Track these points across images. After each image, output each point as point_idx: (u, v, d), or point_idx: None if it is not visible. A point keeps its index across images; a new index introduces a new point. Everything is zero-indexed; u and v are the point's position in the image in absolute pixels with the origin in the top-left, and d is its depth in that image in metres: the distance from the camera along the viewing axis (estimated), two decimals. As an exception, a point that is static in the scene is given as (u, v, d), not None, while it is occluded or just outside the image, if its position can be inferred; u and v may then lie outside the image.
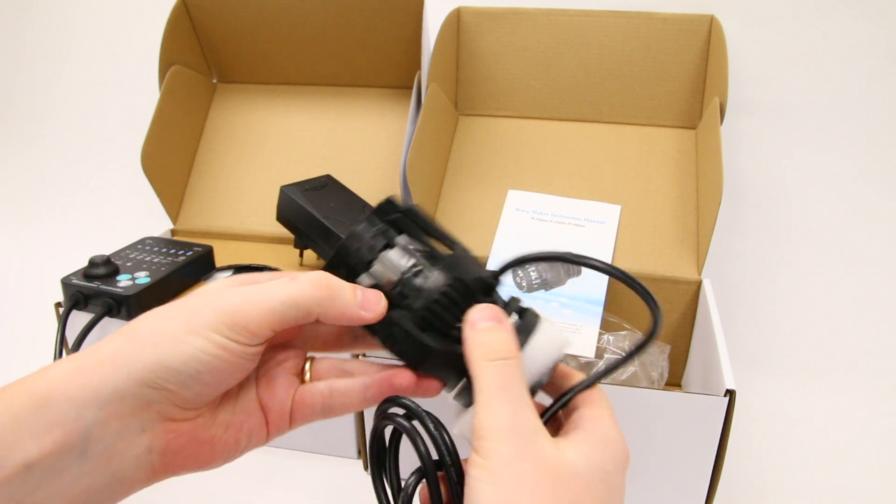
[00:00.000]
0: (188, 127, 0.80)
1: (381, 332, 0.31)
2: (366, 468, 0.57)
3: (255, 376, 0.33)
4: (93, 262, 0.57)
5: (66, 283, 0.56)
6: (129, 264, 0.59)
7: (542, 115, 0.76)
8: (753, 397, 0.66)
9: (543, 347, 0.30)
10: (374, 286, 0.31)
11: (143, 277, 0.56)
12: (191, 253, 0.62)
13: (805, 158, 0.76)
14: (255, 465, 0.57)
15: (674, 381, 0.67)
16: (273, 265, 0.66)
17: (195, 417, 0.30)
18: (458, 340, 0.30)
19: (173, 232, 0.77)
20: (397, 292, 0.31)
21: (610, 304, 0.65)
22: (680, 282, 0.64)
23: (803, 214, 0.77)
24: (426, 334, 0.30)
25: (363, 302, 0.30)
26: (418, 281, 0.31)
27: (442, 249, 0.33)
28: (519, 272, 0.65)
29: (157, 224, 0.78)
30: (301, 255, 0.65)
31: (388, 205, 0.32)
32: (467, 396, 0.31)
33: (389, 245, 0.32)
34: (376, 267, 0.31)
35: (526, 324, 0.31)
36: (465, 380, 0.31)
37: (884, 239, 0.76)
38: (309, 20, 0.76)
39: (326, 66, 0.79)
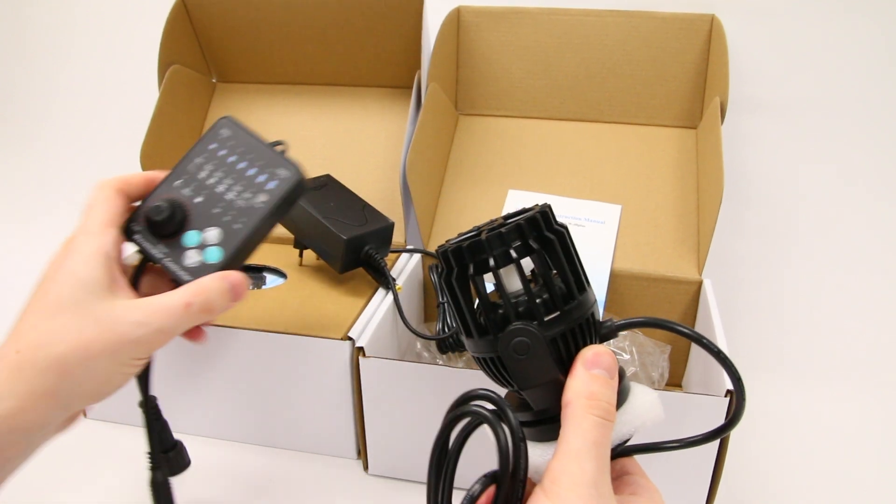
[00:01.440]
0: (187, 126, 0.80)
1: (504, 340, 0.29)
2: (365, 468, 0.57)
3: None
4: (156, 208, 0.39)
5: (129, 234, 0.40)
6: (199, 200, 0.40)
7: (542, 114, 0.76)
8: (754, 397, 0.65)
9: (635, 417, 0.31)
10: (499, 294, 0.30)
11: (213, 249, 0.39)
12: (276, 183, 0.40)
13: (806, 158, 0.76)
14: (256, 465, 0.57)
15: (674, 381, 0.67)
16: (272, 265, 0.66)
17: None
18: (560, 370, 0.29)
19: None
20: (523, 308, 0.30)
21: (610, 305, 0.65)
22: (680, 282, 0.64)
23: (804, 214, 0.77)
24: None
25: (234, 295, 0.38)
26: (557, 305, 0.30)
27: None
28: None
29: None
30: (301, 254, 0.65)
31: (543, 217, 0.31)
32: (545, 430, 0.30)
33: (527, 255, 0.30)
34: (511, 275, 0.30)
35: (623, 387, 0.31)
36: (540, 409, 0.30)
37: (886, 238, 0.76)
38: (308, 19, 0.76)
39: (326, 65, 0.79)
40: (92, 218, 0.37)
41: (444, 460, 0.30)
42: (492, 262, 0.29)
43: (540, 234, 0.30)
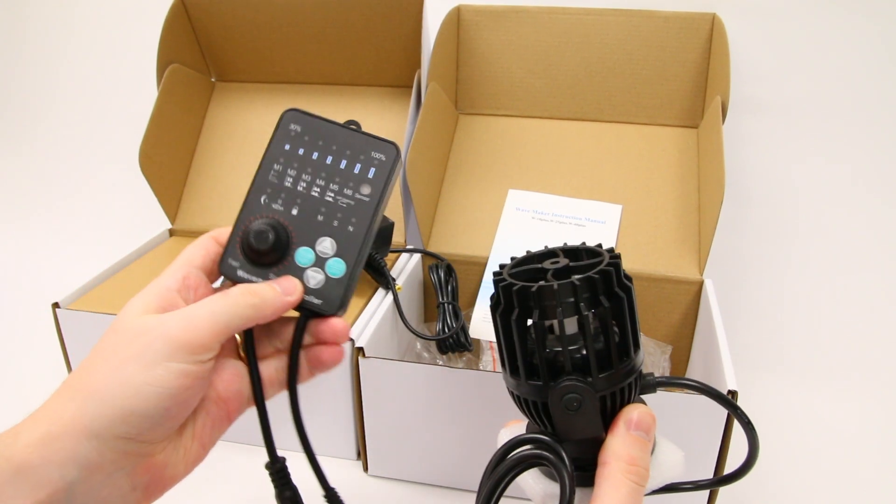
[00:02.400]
0: (186, 126, 0.80)
1: (557, 392, 0.29)
2: (365, 469, 0.57)
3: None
4: (258, 234, 0.34)
5: (228, 273, 0.35)
6: (296, 211, 0.35)
7: (542, 114, 0.76)
8: (755, 397, 0.66)
9: (660, 474, 0.31)
10: (558, 341, 0.30)
11: (334, 261, 0.35)
12: (375, 169, 0.36)
13: (807, 157, 0.76)
14: (255, 464, 0.57)
15: (675, 381, 0.67)
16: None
17: (168, 444, 0.31)
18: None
19: (171, 232, 0.77)
20: (579, 360, 0.29)
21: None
22: (681, 282, 0.63)
23: (806, 214, 0.77)
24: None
25: (284, 290, 0.33)
26: (613, 363, 0.29)
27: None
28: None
29: (155, 224, 0.77)
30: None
31: (616, 270, 0.30)
32: (582, 480, 0.30)
33: (589, 306, 0.29)
34: (571, 324, 0.29)
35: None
36: (569, 458, 0.30)
37: (887, 238, 0.76)
38: (308, 19, 0.75)
39: (326, 64, 0.79)
40: (175, 260, 0.34)
41: (494, 493, 0.31)
42: (559, 310, 0.29)
43: (610, 289, 0.29)
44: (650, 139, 0.73)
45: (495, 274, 0.32)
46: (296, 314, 0.35)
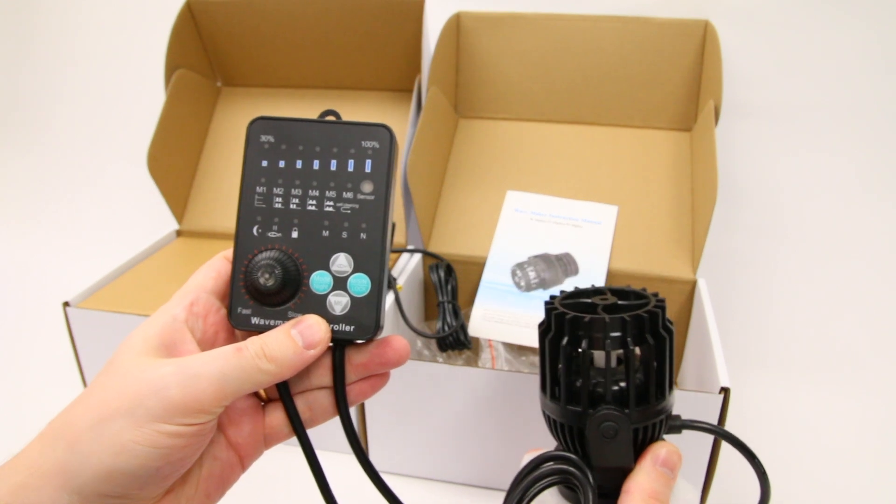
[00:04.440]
0: (193, 129, 0.81)
1: (595, 420, 0.30)
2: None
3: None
4: (263, 273, 0.30)
5: (239, 324, 0.31)
6: (296, 234, 0.31)
7: (540, 117, 0.77)
8: (748, 395, 0.66)
9: None
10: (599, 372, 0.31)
11: (355, 279, 0.31)
12: (371, 160, 0.31)
13: (798, 160, 0.77)
14: (256, 463, 0.58)
15: (670, 378, 0.68)
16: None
17: (163, 498, 0.28)
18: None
19: (179, 233, 0.78)
20: (618, 392, 0.30)
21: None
22: (675, 281, 0.64)
23: (797, 215, 0.77)
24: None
25: (306, 342, 0.29)
26: (650, 398, 0.31)
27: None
28: (518, 272, 0.65)
29: (163, 225, 0.78)
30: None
31: (662, 312, 0.31)
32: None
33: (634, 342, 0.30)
34: (608, 359, 0.31)
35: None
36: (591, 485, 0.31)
37: (877, 239, 0.76)
38: (311, 25, 0.76)
39: (328, 69, 0.80)
40: (183, 286, 0.31)
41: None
42: (608, 342, 0.30)
43: (655, 329, 0.31)
44: (645, 142, 0.73)
45: (547, 303, 0.33)
46: None
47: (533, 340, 0.61)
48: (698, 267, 0.64)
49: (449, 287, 0.65)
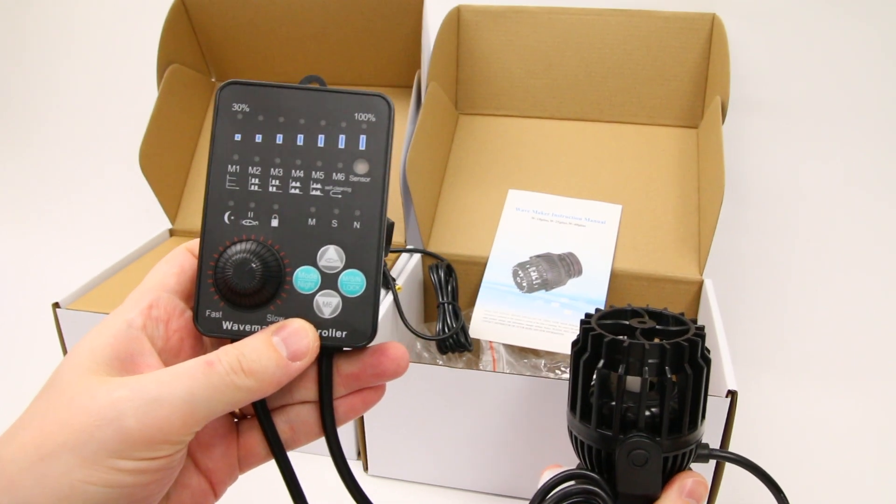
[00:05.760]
0: (187, 126, 0.80)
1: (626, 446, 0.30)
2: (365, 469, 0.57)
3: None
4: (239, 270, 0.26)
5: (207, 329, 0.27)
6: (276, 223, 0.27)
7: (542, 114, 0.76)
8: (755, 398, 0.66)
9: None
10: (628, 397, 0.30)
11: (348, 276, 0.27)
12: (366, 135, 0.27)
13: (807, 157, 0.76)
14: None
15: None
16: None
17: None
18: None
19: (172, 232, 0.77)
20: (649, 416, 0.30)
21: (611, 305, 0.65)
22: (681, 282, 0.63)
23: (805, 214, 0.77)
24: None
25: (291, 352, 0.25)
26: (683, 428, 0.30)
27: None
28: (519, 272, 0.65)
29: (156, 224, 0.77)
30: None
31: (702, 341, 0.30)
32: None
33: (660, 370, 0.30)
34: (634, 382, 0.30)
35: None
36: None
37: (887, 238, 0.76)
38: (308, 19, 0.75)
39: (326, 64, 0.79)
40: (139, 285, 0.27)
41: None
42: (645, 369, 0.30)
43: (694, 359, 0.30)
44: (650, 139, 0.73)
45: (583, 322, 0.32)
46: None
47: (535, 342, 0.60)
48: (705, 267, 0.63)
49: (449, 288, 0.65)
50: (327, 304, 0.26)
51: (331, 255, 0.26)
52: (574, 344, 0.32)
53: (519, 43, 0.74)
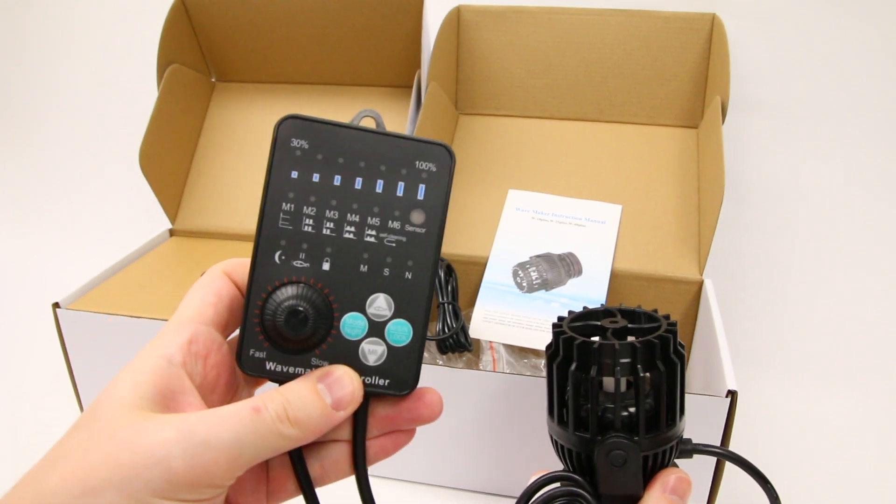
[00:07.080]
0: (187, 126, 0.80)
1: (604, 447, 0.29)
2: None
3: None
4: (291, 315, 0.26)
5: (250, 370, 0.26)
6: (327, 266, 0.26)
7: (542, 114, 0.76)
8: (755, 398, 0.65)
9: None
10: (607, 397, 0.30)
11: (395, 325, 0.27)
12: (425, 185, 0.27)
13: (807, 157, 0.76)
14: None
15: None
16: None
17: None
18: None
19: (172, 232, 0.77)
20: (626, 416, 0.30)
21: (611, 304, 0.65)
22: (681, 282, 0.63)
23: (805, 214, 0.77)
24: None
25: (336, 401, 0.25)
26: (661, 425, 0.30)
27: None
28: (519, 272, 0.65)
29: (156, 224, 0.77)
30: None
31: (673, 337, 0.30)
32: None
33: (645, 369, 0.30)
34: (617, 385, 0.30)
35: None
36: None
37: (887, 238, 0.75)
38: (308, 18, 0.75)
39: (326, 64, 0.79)
40: (175, 315, 0.26)
41: None
42: (617, 369, 0.29)
43: (666, 354, 0.30)
44: (650, 139, 0.72)
45: (555, 325, 0.32)
46: None
47: (535, 342, 0.60)
48: (705, 267, 0.63)
49: (449, 288, 0.65)
50: (372, 351, 0.26)
51: (380, 304, 0.26)
52: (547, 348, 0.32)
53: (519, 43, 0.74)
